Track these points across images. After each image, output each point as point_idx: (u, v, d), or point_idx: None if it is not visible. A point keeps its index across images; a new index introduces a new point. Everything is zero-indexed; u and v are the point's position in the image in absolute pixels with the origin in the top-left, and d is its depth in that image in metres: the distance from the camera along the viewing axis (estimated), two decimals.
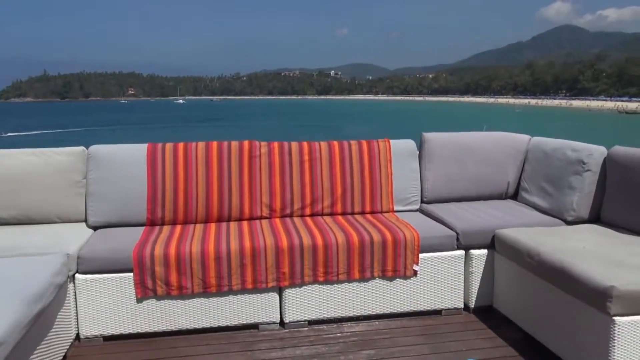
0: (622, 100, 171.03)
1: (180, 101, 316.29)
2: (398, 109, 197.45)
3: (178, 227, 3.66)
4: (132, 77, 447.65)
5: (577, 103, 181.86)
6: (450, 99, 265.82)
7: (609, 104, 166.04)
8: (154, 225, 3.73)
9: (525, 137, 4.42)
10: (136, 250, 3.19)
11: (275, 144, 3.95)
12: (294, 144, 3.98)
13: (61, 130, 73.99)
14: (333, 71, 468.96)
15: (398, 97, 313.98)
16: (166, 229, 3.63)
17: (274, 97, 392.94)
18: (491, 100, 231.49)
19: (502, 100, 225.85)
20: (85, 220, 3.71)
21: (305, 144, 3.99)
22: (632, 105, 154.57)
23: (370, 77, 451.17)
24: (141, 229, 3.60)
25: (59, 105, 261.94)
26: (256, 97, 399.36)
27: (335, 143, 4.03)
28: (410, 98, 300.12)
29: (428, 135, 4.28)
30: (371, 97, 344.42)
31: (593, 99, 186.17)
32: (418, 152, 4.27)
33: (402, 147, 4.17)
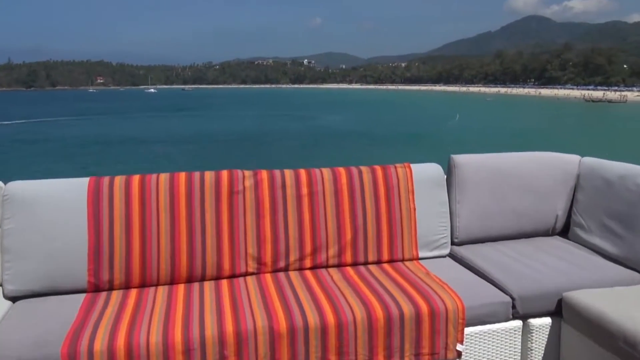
0: (588, 89, 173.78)
1: (152, 90, 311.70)
2: (372, 98, 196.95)
3: (132, 294, 2.63)
4: (101, 66, 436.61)
5: (545, 91, 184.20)
6: (423, 87, 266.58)
7: (576, 93, 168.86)
8: (98, 291, 2.69)
9: (574, 158, 3.53)
10: (67, 343, 2.17)
11: (264, 173, 2.97)
12: (288, 173, 3.01)
13: (24, 121, 71.35)
14: (307, 60, 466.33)
15: (371, 86, 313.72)
16: (115, 297, 2.60)
17: (247, 86, 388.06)
18: (463, 89, 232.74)
19: (473, 89, 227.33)
20: (1, 288, 2.65)
21: (302, 172, 3.03)
22: (597, 94, 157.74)
23: (344, 66, 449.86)
24: (80, 299, 2.57)
25: (24, 95, 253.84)
26: (229, 86, 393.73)
27: (342, 170, 3.08)
28: (384, 87, 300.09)
29: (458, 159, 3.34)
30: (345, 85, 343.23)
31: (561, 88, 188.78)
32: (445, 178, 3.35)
33: (426, 174, 3.23)
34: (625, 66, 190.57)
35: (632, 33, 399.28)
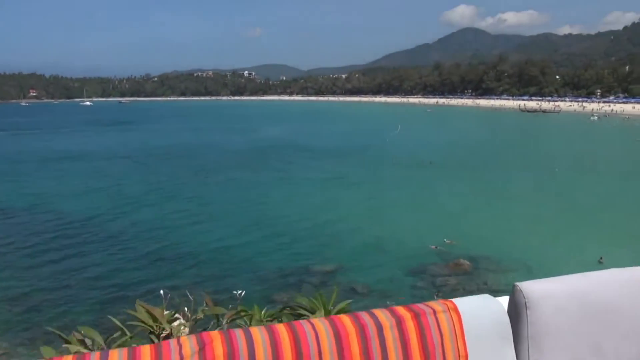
0: (523, 99, 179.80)
1: (87, 103, 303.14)
2: (314, 109, 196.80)
3: None
4: (34, 79, 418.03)
5: (483, 102, 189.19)
6: (364, 99, 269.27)
7: (512, 103, 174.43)
8: None
9: None
10: None
11: (215, 339, 1.64)
12: (256, 332, 1.64)
13: None
14: (247, 72, 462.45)
15: (313, 98, 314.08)
16: None
17: (187, 98, 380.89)
18: (404, 100, 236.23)
19: (413, 99, 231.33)
20: None
21: (280, 328, 1.65)
22: (532, 104, 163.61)
23: (284, 78, 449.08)
24: None
25: None
26: (168, 99, 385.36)
27: (347, 320, 1.67)
28: (325, 98, 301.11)
29: (530, 291, 1.79)
30: (286, 97, 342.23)
31: (497, 98, 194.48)
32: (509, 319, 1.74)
33: (480, 318, 1.72)
34: (557, 77, 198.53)
35: (562, 45, 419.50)
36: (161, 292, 2.38)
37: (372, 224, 31.50)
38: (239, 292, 2.60)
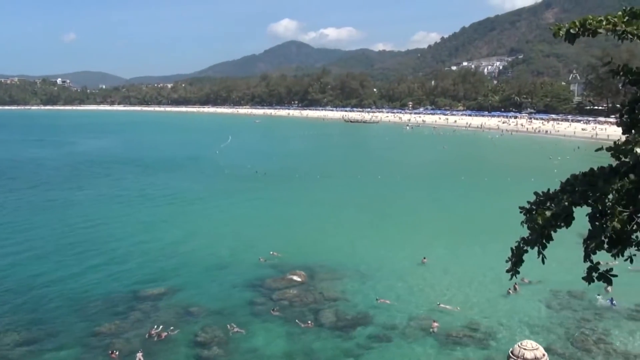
0: (346, 110, 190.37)
1: None
2: (139, 120, 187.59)
3: None
4: None
5: (310, 113, 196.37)
6: (192, 109, 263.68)
7: (336, 114, 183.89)
8: None
9: None
10: None
11: None
12: None
13: None
14: (60, 79, 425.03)
15: (137, 107, 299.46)
16: None
17: None
18: (234, 110, 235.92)
19: (243, 110, 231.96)
20: None
21: None
22: (354, 115, 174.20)
23: (104, 86, 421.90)
24: None
25: None
26: None
27: None
28: (151, 108, 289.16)
29: None
30: (106, 107, 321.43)
31: (322, 109, 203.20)
32: None
33: None
34: (375, 90, 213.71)
35: (377, 60, 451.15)
36: None
37: (205, 241, 30.52)
38: None
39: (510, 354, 10.61)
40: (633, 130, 4.25)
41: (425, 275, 24.51)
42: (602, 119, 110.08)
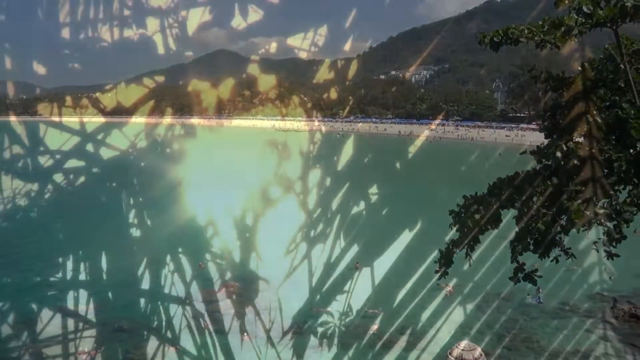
0: (277, 119, 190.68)
1: None
2: None
3: None
4: None
5: (243, 122, 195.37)
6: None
7: (266, 123, 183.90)
8: None
9: None
10: None
11: None
12: None
13: None
14: None
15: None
16: None
17: None
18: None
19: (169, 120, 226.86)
20: None
21: None
22: (284, 124, 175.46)
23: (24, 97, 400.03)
24: None
25: None
26: None
27: None
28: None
29: None
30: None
31: (252, 118, 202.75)
32: None
33: None
34: (305, 98, 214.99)
35: (308, 69, 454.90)
36: None
37: (131, 254, 29.39)
38: None
39: (449, 355, 10.81)
40: (554, 135, 4.41)
41: (358, 280, 24.75)
42: (524, 125, 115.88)
